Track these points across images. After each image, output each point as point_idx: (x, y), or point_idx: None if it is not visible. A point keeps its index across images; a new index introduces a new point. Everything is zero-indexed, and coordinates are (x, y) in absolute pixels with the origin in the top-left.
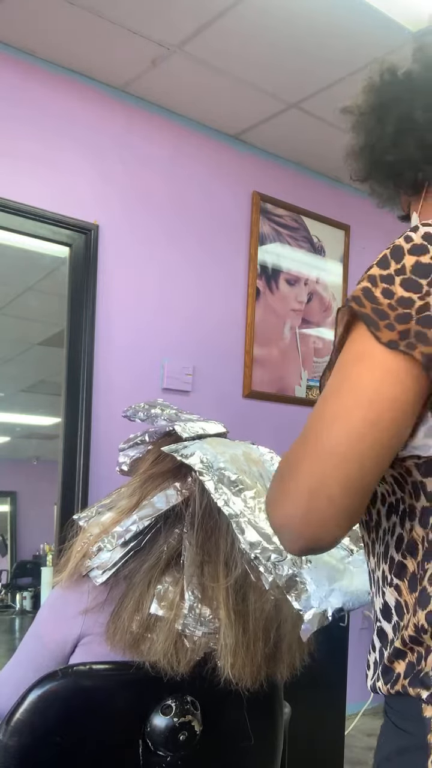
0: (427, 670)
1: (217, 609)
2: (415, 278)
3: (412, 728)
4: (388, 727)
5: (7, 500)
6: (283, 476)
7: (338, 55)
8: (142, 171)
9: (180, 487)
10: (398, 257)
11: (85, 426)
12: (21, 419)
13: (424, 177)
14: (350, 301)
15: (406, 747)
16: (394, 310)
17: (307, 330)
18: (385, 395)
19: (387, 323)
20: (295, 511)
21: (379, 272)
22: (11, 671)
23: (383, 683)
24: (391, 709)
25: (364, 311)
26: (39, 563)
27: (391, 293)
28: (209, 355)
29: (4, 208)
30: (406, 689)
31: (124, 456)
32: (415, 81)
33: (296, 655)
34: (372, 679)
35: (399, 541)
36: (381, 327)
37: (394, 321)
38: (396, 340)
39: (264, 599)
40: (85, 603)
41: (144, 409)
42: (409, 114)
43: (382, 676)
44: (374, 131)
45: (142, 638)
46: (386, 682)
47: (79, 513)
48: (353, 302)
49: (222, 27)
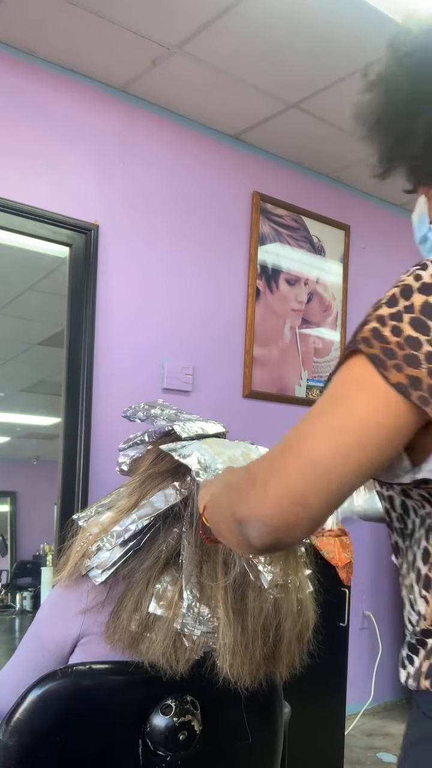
0: None
1: (215, 608)
2: (424, 319)
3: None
4: (417, 715)
5: (7, 500)
6: (259, 474)
7: (338, 55)
8: (142, 171)
9: (179, 487)
10: (407, 295)
11: (85, 426)
12: (21, 419)
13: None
14: (359, 344)
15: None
16: (402, 350)
17: (307, 330)
18: (378, 423)
19: (395, 363)
20: (273, 511)
21: (388, 311)
22: (11, 671)
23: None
24: (421, 698)
25: (373, 351)
26: (39, 563)
27: (399, 331)
28: (209, 355)
29: (4, 208)
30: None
31: (124, 456)
32: None
33: (295, 654)
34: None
35: (425, 554)
36: (389, 367)
37: (403, 361)
38: (405, 384)
39: (263, 598)
40: (84, 602)
41: (144, 409)
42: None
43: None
44: (404, 132)
45: (141, 637)
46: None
47: (79, 513)
48: (362, 344)
49: (222, 27)
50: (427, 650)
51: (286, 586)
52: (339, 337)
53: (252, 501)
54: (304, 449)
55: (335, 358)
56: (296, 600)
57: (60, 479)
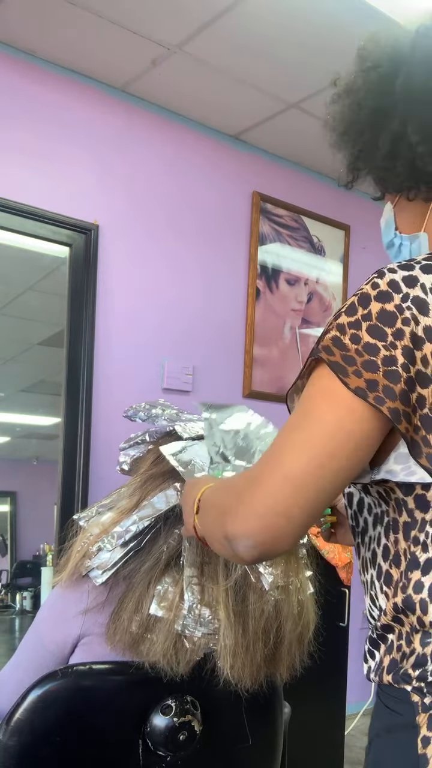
0: (407, 668)
1: (216, 610)
2: (380, 325)
3: (401, 709)
4: (379, 707)
5: (7, 500)
6: (242, 492)
7: (338, 55)
8: (142, 171)
9: (180, 488)
10: (365, 303)
11: (85, 426)
12: (21, 419)
13: (408, 186)
14: (320, 352)
15: (394, 725)
16: (360, 356)
17: (307, 330)
18: (346, 430)
19: (354, 369)
20: (257, 526)
21: (347, 320)
22: (11, 671)
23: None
24: (382, 691)
25: (333, 359)
26: (39, 563)
27: (358, 338)
28: (209, 355)
29: (4, 208)
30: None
31: (125, 455)
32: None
33: (296, 656)
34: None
35: (386, 551)
36: (349, 373)
37: (361, 367)
38: (363, 388)
39: (264, 600)
40: (85, 603)
41: (145, 409)
42: (403, 134)
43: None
44: (368, 144)
45: (141, 639)
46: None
47: (79, 513)
48: (323, 352)
49: (222, 27)
50: (387, 645)
51: (287, 588)
52: None
53: (238, 519)
54: (281, 464)
55: None
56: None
57: (60, 479)
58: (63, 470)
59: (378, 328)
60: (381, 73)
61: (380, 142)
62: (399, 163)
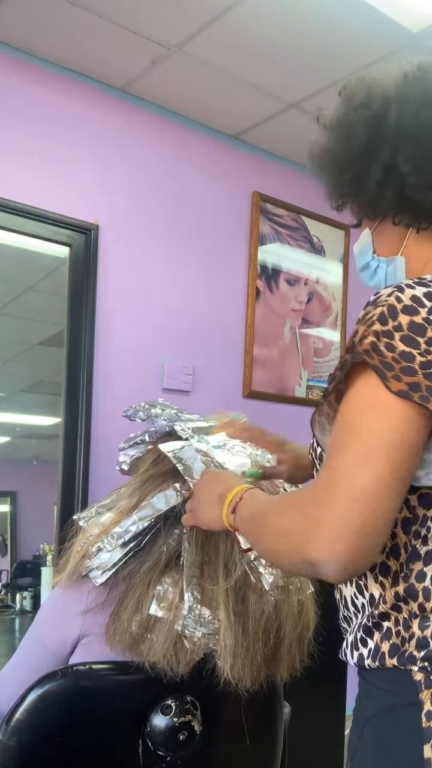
0: (411, 650)
1: (216, 610)
2: (412, 335)
3: (401, 689)
4: (373, 691)
5: (7, 500)
6: (316, 517)
7: (338, 55)
8: (142, 171)
9: (179, 488)
10: (394, 315)
11: (85, 426)
12: (21, 419)
13: (394, 213)
14: (363, 355)
15: (394, 705)
16: (398, 363)
17: (307, 330)
18: (400, 437)
19: (393, 374)
20: (341, 551)
21: (381, 328)
22: (11, 671)
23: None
24: (377, 675)
25: (374, 363)
26: (39, 563)
27: (393, 347)
28: (209, 355)
29: (4, 208)
30: (403, 662)
31: (125, 455)
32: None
33: (296, 656)
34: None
35: None
36: (389, 378)
37: (400, 373)
38: (406, 390)
39: (264, 600)
40: (84, 603)
41: (144, 409)
42: (394, 164)
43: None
44: (359, 173)
45: (141, 639)
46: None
47: (79, 513)
48: (366, 356)
49: (222, 27)
50: (382, 633)
51: (287, 588)
52: (339, 337)
53: (318, 545)
54: (348, 486)
55: (335, 358)
56: (297, 602)
57: (60, 479)
58: (63, 470)
59: (411, 338)
60: (373, 111)
61: (372, 171)
62: (389, 191)
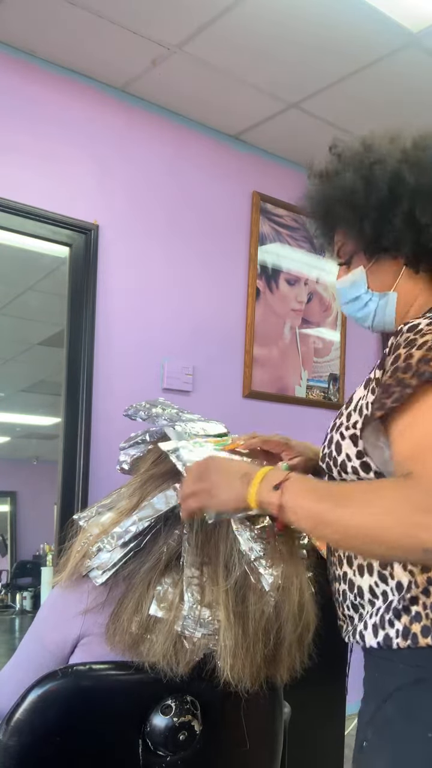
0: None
1: (216, 610)
2: None
3: (426, 663)
4: (391, 667)
5: (7, 500)
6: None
7: (338, 55)
8: (142, 171)
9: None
10: None
11: (85, 426)
12: (21, 419)
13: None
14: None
15: (422, 678)
16: None
17: (307, 330)
18: None
19: None
20: None
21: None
22: (11, 671)
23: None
24: (404, 654)
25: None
26: (39, 563)
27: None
28: (209, 355)
29: (4, 208)
30: None
31: (125, 455)
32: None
33: (296, 657)
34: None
35: None
36: None
37: None
38: None
39: (264, 601)
40: (84, 603)
41: (145, 409)
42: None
43: None
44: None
45: (141, 639)
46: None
47: (79, 513)
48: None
49: (222, 27)
50: (411, 616)
51: (288, 589)
52: (339, 337)
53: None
54: None
55: (335, 358)
56: (297, 602)
57: (60, 479)
58: (63, 470)
59: None
60: (391, 168)
61: (393, 219)
62: (406, 236)
